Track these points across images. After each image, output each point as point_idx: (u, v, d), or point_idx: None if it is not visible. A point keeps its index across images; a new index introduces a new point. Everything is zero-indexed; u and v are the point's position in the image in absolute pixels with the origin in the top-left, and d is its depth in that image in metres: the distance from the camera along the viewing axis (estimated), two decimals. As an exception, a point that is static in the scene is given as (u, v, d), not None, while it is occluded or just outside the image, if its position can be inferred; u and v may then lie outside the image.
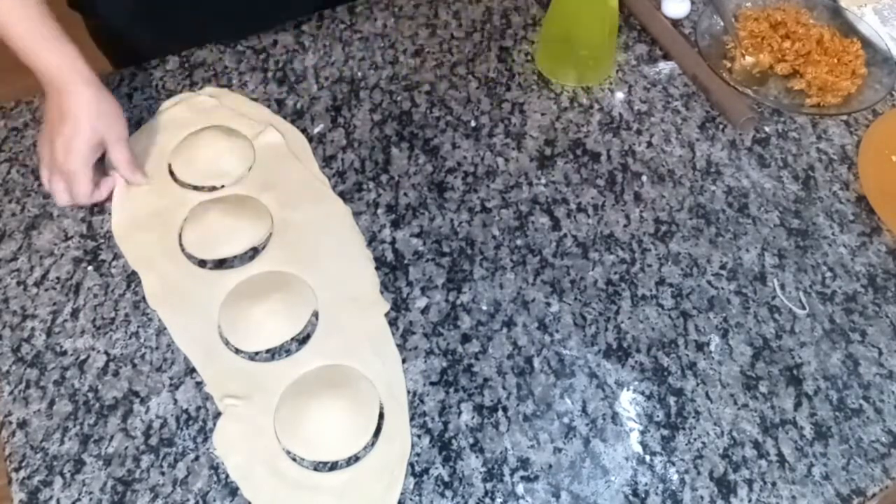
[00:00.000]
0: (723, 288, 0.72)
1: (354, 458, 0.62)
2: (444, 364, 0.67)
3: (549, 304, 0.71)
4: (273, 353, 0.67)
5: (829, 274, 0.73)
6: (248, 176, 0.79)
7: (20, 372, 0.66)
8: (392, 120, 0.84)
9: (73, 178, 0.72)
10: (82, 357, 0.67)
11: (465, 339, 0.69)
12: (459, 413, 0.65)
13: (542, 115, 0.85)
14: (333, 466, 0.62)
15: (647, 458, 0.63)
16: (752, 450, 0.63)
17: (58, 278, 0.72)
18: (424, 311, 0.70)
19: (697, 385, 0.66)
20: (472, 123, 0.84)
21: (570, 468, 0.62)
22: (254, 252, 0.73)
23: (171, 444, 0.63)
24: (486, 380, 0.66)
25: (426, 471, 0.62)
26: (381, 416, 0.64)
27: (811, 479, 0.62)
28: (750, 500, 0.61)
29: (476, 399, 0.65)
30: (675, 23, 0.94)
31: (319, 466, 0.62)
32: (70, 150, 0.71)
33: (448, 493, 0.61)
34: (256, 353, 0.67)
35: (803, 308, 0.71)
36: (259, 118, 0.83)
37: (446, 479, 0.61)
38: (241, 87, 0.86)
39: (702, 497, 0.61)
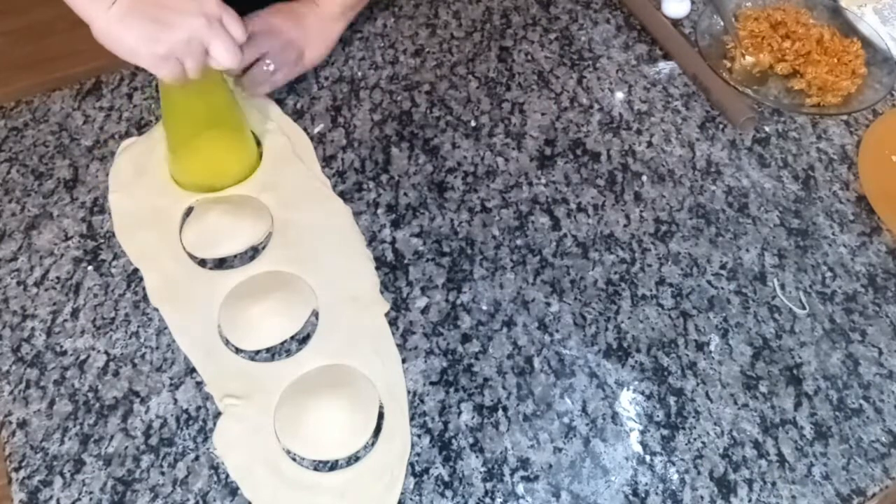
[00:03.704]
0: (723, 288, 0.72)
1: (354, 458, 0.62)
2: (444, 364, 0.67)
3: (549, 304, 0.71)
4: (273, 353, 0.67)
5: (829, 274, 0.73)
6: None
7: (20, 372, 0.66)
8: (392, 120, 0.84)
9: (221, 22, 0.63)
10: (82, 357, 0.67)
11: (465, 338, 0.69)
12: (459, 413, 0.65)
13: (542, 114, 0.85)
14: (333, 466, 0.62)
15: (647, 457, 0.63)
16: (752, 450, 0.63)
17: (58, 278, 0.72)
18: (424, 310, 0.70)
19: (697, 385, 0.66)
20: (472, 123, 0.84)
21: (570, 468, 0.62)
22: (254, 252, 0.73)
23: (171, 444, 0.63)
24: (486, 380, 0.66)
25: (426, 471, 0.62)
26: (380, 415, 0.64)
27: (811, 478, 0.62)
28: (750, 500, 0.61)
29: (476, 399, 0.65)
30: (675, 23, 0.94)
31: (319, 466, 0.62)
32: None
33: (448, 493, 0.61)
34: (256, 353, 0.67)
35: (803, 308, 0.71)
36: (267, 114, 0.83)
37: (446, 478, 0.61)
38: (241, 86, 0.86)
39: (702, 497, 0.61)
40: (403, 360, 0.67)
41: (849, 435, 0.64)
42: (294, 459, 0.62)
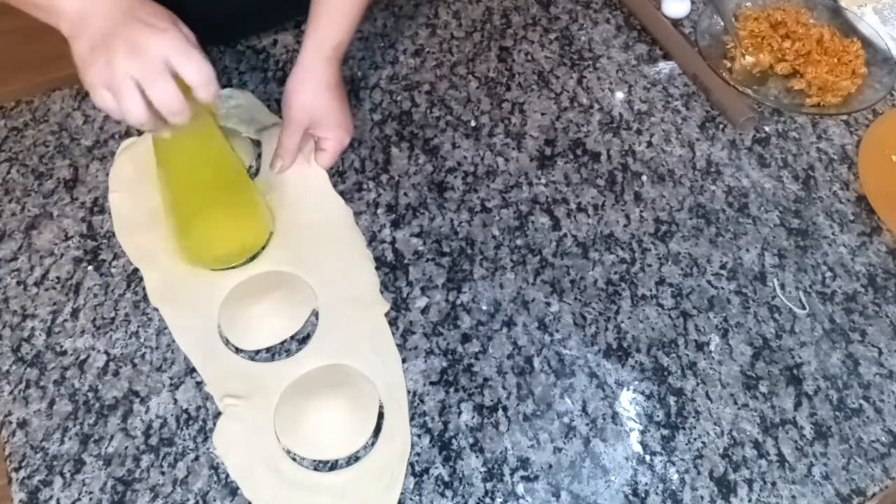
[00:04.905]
0: (723, 288, 0.72)
1: (354, 458, 0.62)
2: (444, 364, 0.67)
3: (549, 304, 0.71)
4: (273, 353, 0.67)
5: (829, 274, 0.73)
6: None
7: (20, 372, 0.66)
8: (392, 120, 0.84)
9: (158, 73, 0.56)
10: (82, 357, 0.67)
11: (465, 338, 0.69)
12: (459, 413, 0.65)
13: (542, 114, 0.85)
14: (333, 466, 0.62)
15: (647, 457, 0.63)
16: (752, 450, 0.63)
17: (58, 278, 0.72)
18: (424, 310, 0.70)
19: (697, 385, 0.66)
20: (472, 123, 0.84)
21: (570, 468, 0.62)
22: (254, 252, 0.73)
23: (171, 444, 0.63)
24: (486, 380, 0.66)
25: (426, 471, 0.62)
26: (380, 415, 0.64)
27: (811, 478, 0.62)
28: (750, 500, 0.61)
29: (476, 399, 0.65)
30: (675, 23, 0.94)
31: (319, 466, 0.62)
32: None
33: (448, 493, 0.61)
34: (256, 353, 0.67)
35: (803, 308, 0.71)
36: (265, 113, 0.83)
37: (446, 478, 0.61)
38: (241, 86, 0.86)
39: (702, 497, 0.61)
40: (403, 360, 0.67)
41: (849, 435, 0.64)
42: (294, 459, 0.62)
